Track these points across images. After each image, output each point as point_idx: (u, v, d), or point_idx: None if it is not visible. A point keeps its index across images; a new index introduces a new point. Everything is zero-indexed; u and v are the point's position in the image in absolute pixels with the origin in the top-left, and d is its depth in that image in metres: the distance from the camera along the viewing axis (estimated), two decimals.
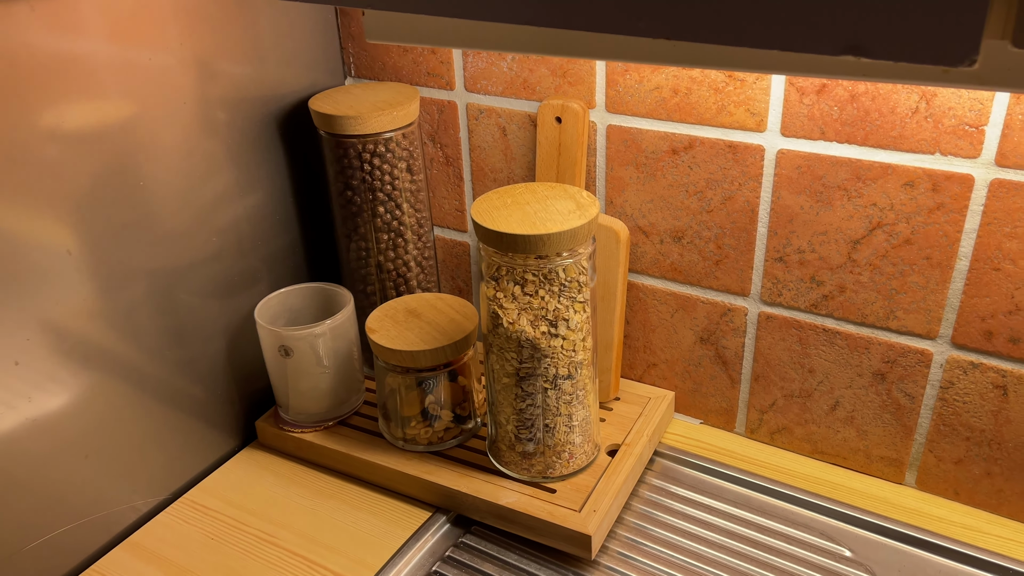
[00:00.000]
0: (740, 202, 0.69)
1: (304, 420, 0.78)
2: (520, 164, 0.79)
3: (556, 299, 0.63)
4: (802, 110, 0.63)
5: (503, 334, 0.65)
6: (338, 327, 0.75)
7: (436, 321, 0.73)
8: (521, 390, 0.67)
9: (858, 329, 0.68)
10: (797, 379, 0.73)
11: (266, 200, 0.79)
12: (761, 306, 0.72)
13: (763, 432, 0.78)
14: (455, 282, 0.90)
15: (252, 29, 0.74)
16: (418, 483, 0.72)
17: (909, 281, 0.64)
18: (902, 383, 0.68)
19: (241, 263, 0.78)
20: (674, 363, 0.79)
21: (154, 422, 0.72)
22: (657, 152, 0.71)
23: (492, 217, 0.62)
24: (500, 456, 0.71)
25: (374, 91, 0.78)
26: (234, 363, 0.79)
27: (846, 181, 0.64)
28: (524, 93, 0.75)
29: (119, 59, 0.64)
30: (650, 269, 0.76)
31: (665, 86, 0.68)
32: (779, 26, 0.33)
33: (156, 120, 0.67)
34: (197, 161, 0.72)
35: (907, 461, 0.71)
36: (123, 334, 0.68)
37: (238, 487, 0.76)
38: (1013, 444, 0.65)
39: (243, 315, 0.78)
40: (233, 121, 0.74)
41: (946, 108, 0.58)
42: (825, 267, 0.67)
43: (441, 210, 0.86)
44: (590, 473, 0.71)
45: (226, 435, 0.80)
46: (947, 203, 0.61)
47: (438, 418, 0.73)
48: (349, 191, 0.77)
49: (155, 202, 0.69)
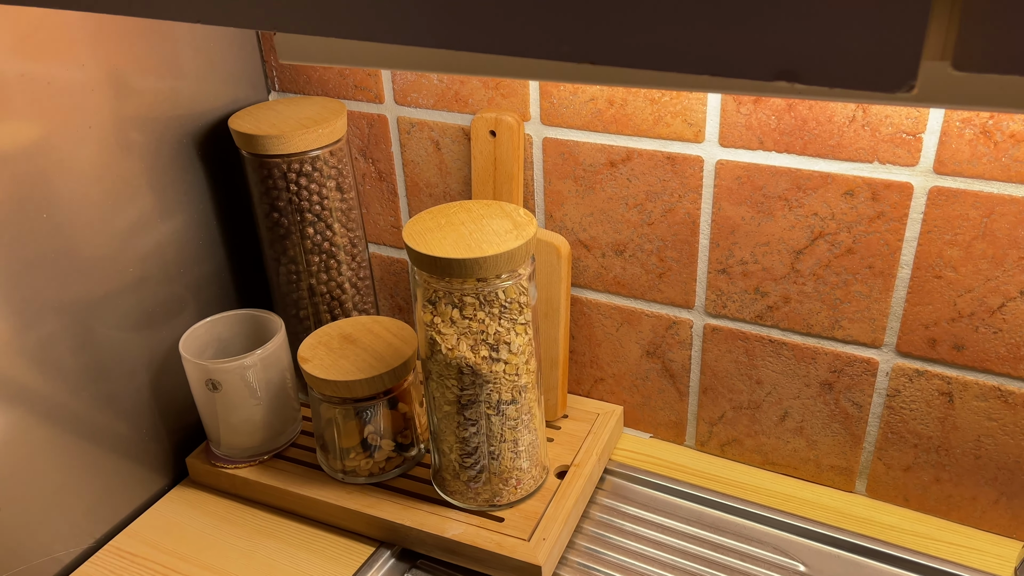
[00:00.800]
0: (681, 214, 0.67)
1: (237, 455, 0.74)
2: (456, 179, 0.76)
3: (496, 322, 0.61)
4: (740, 120, 0.62)
5: (442, 360, 0.62)
6: (269, 356, 0.71)
7: (373, 347, 0.70)
8: (463, 417, 0.64)
9: (804, 339, 0.67)
10: (745, 390, 0.72)
11: (188, 224, 0.75)
12: (706, 318, 0.71)
13: (713, 444, 0.76)
14: (394, 300, 0.87)
15: (168, 42, 0.70)
16: (360, 517, 0.69)
17: (853, 290, 0.63)
18: (849, 392, 0.67)
19: (164, 291, 0.73)
20: (621, 377, 0.78)
21: (75, 464, 0.68)
22: (595, 165, 0.69)
23: (425, 240, 0.60)
24: (445, 485, 0.68)
25: (298, 107, 0.74)
26: (160, 397, 0.74)
27: (786, 191, 0.62)
28: (456, 106, 0.73)
29: (22, 75, 0.59)
30: (593, 283, 0.74)
31: (600, 97, 0.66)
32: (709, 51, 0.31)
33: (65, 142, 0.63)
34: (111, 185, 0.67)
35: (857, 469, 0.70)
36: (38, 372, 0.63)
37: (168, 530, 0.71)
38: (960, 450, 0.65)
39: (168, 346, 0.74)
40: (149, 142, 0.70)
41: (883, 116, 0.57)
42: (769, 278, 0.66)
43: (376, 227, 0.83)
44: (539, 498, 0.68)
45: (154, 473, 0.75)
46: (887, 211, 0.60)
47: (379, 448, 0.70)
48: (275, 212, 0.73)
49: (67, 231, 0.64)
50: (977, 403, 0.63)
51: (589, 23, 0.33)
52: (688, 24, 0.31)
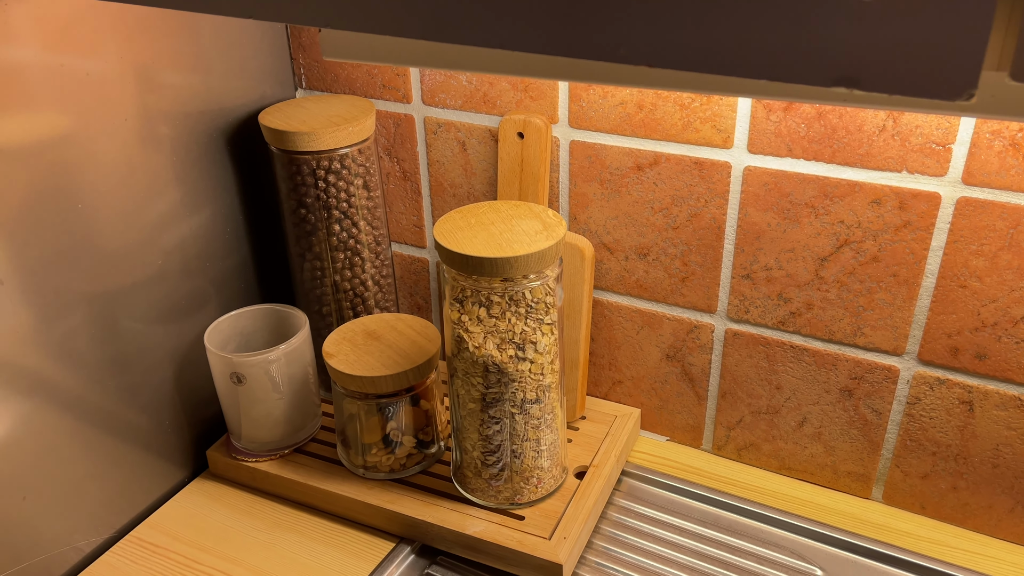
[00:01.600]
0: (706, 219, 0.68)
1: (258, 448, 0.74)
2: (481, 179, 0.77)
3: (523, 321, 0.61)
4: (769, 127, 0.63)
5: (468, 358, 0.63)
6: (293, 351, 0.71)
7: (397, 343, 0.71)
8: (488, 415, 0.64)
9: (825, 346, 0.68)
10: (764, 395, 0.73)
11: (214, 218, 0.75)
12: (728, 323, 0.71)
13: (730, 449, 0.77)
14: (414, 299, 0.88)
15: (196, 38, 0.70)
16: (380, 513, 0.69)
17: (876, 298, 0.64)
18: (869, 399, 0.68)
19: (188, 285, 0.74)
20: (640, 380, 0.78)
21: (96, 455, 0.68)
22: (622, 168, 0.69)
23: (456, 239, 0.60)
24: (466, 483, 0.69)
25: (328, 104, 0.75)
26: (182, 390, 0.75)
27: (813, 198, 0.63)
28: (484, 107, 0.73)
29: (52, 69, 0.59)
30: (615, 286, 0.75)
31: (630, 101, 0.67)
32: (769, 55, 0.32)
33: (94, 135, 0.63)
34: (139, 179, 0.68)
35: (874, 476, 0.71)
36: (62, 364, 0.64)
37: (188, 521, 0.72)
38: (978, 459, 0.66)
39: (191, 339, 0.75)
40: (178, 136, 0.70)
41: (913, 126, 0.58)
42: (792, 284, 0.67)
43: (399, 226, 0.84)
44: (558, 498, 0.69)
45: (175, 466, 0.75)
46: (914, 221, 0.60)
47: (400, 444, 0.71)
48: (303, 209, 0.73)
49: (94, 223, 0.64)
50: (997, 412, 0.63)
51: (649, 27, 0.34)
52: (749, 28, 0.32)
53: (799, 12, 0.31)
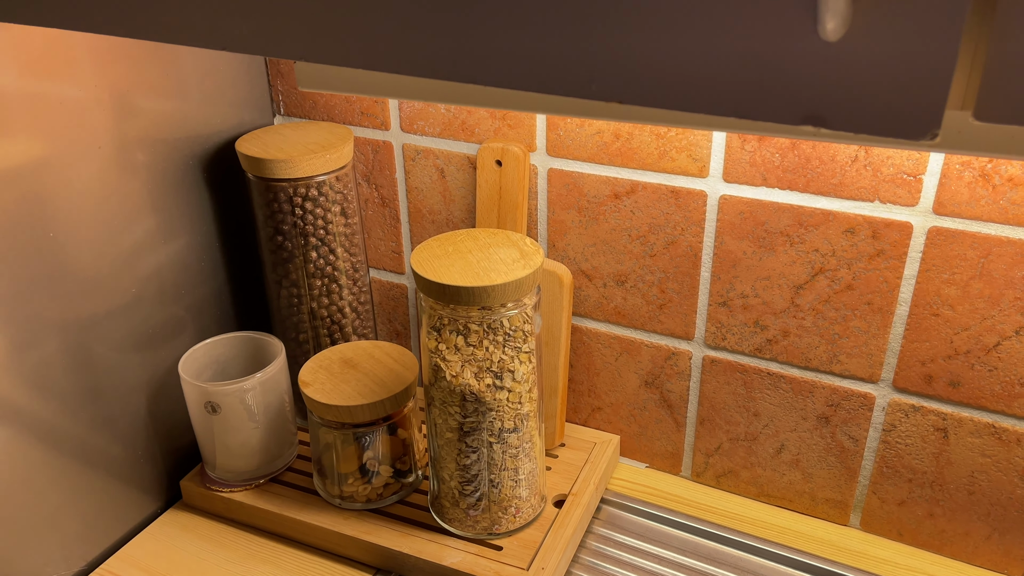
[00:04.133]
0: (683, 247, 0.68)
1: (233, 478, 0.73)
2: (459, 206, 0.77)
3: (501, 350, 0.61)
4: (744, 156, 0.63)
5: (446, 387, 0.62)
6: (269, 380, 0.71)
7: (374, 372, 0.70)
8: (465, 445, 0.64)
9: (802, 373, 0.68)
10: (742, 422, 0.73)
11: (190, 246, 0.75)
12: (705, 350, 0.71)
13: (709, 476, 0.77)
14: (392, 325, 0.87)
15: (174, 65, 0.70)
16: (357, 544, 0.68)
17: (851, 326, 0.65)
18: (846, 426, 0.68)
19: (163, 313, 0.73)
20: (619, 407, 0.78)
21: (69, 486, 0.67)
22: (599, 196, 0.70)
23: (433, 267, 0.60)
24: (443, 513, 0.68)
25: (305, 132, 0.75)
26: (156, 418, 0.74)
27: (788, 227, 0.64)
28: (463, 135, 0.73)
29: (27, 95, 0.59)
30: (593, 313, 0.75)
31: (607, 130, 0.67)
32: (738, 93, 0.32)
33: (69, 162, 0.63)
34: (115, 205, 0.67)
35: (851, 503, 0.71)
36: (35, 393, 0.63)
37: (161, 553, 0.70)
38: (954, 485, 0.66)
39: (166, 367, 0.74)
40: (154, 163, 0.70)
41: (884, 157, 0.59)
42: (769, 312, 0.67)
43: (377, 252, 0.84)
44: (537, 527, 0.68)
45: (148, 496, 0.74)
46: (887, 250, 0.61)
47: (377, 474, 0.70)
48: (280, 236, 0.73)
49: (69, 251, 0.64)
50: (971, 439, 0.64)
51: (621, 63, 0.34)
52: (719, 67, 0.32)
53: (766, 52, 0.31)
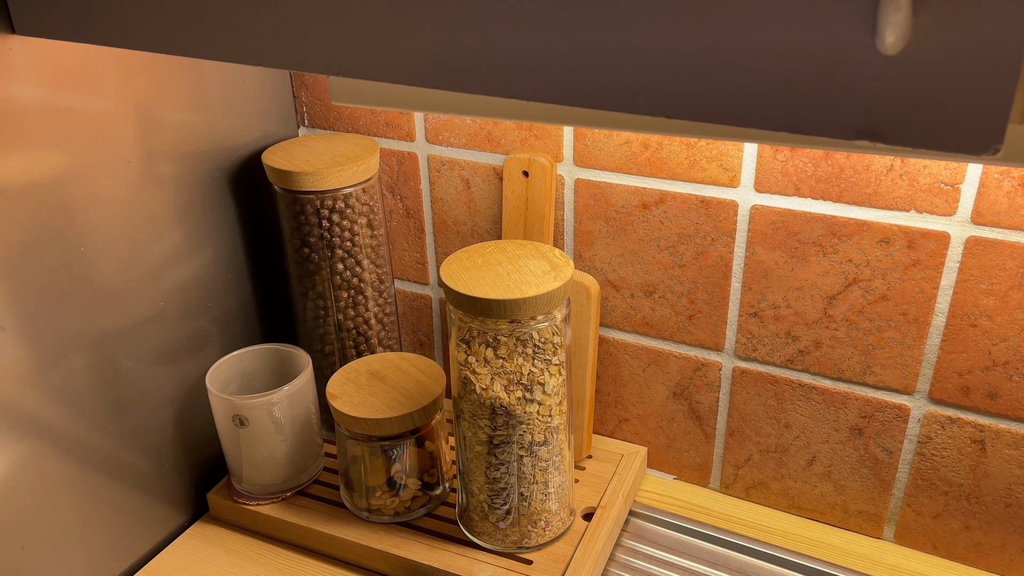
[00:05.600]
0: (713, 257, 0.68)
1: (260, 491, 0.73)
2: (485, 217, 0.76)
3: (531, 362, 0.61)
4: (776, 166, 0.62)
5: (476, 400, 0.62)
6: (296, 392, 0.70)
7: (401, 384, 0.70)
8: (495, 458, 0.63)
9: (835, 384, 0.67)
10: (773, 434, 0.72)
11: (216, 258, 0.74)
12: (736, 361, 0.71)
13: (738, 487, 0.76)
14: (416, 336, 0.87)
15: (198, 78, 0.70)
16: (385, 557, 0.68)
17: (886, 337, 0.64)
18: (879, 438, 0.67)
19: (190, 326, 0.73)
20: (646, 418, 0.77)
21: (96, 500, 0.67)
22: (627, 206, 0.69)
23: (463, 280, 0.60)
24: (472, 526, 0.68)
25: (331, 143, 0.75)
26: (183, 431, 0.73)
27: (821, 237, 0.63)
28: (488, 146, 0.73)
29: (55, 109, 0.59)
30: (621, 323, 0.74)
31: (635, 140, 0.67)
32: (792, 108, 0.32)
33: (96, 176, 0.63)
34: (141, 219, 0.67)
35: (885, 516, 0.70)
36: (63, 407, 0.63)
37: (188, 567, 0.70)
38: (991, 498, 0.65)
39: (192, 380, 0.73)
40: (180, 175, 0.70)
41: (921, 166, 0.58)
42: (801, 322, 0.66)
43: (401, 263, 0.83)
44: (567, 540, 0.68)
45: (175, 509, 0.74)
46: (923, 260, 0.60)
47: (405, 487, 0.70)
48: (306, 248, 0.73)
49: (95, 264, 0.64)
50: (1009, 451, 0.63)
51: (669, 78, 0.33)
52: (773, 82, 0.32)
53: (822, 65, 0.30)
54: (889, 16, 0.28)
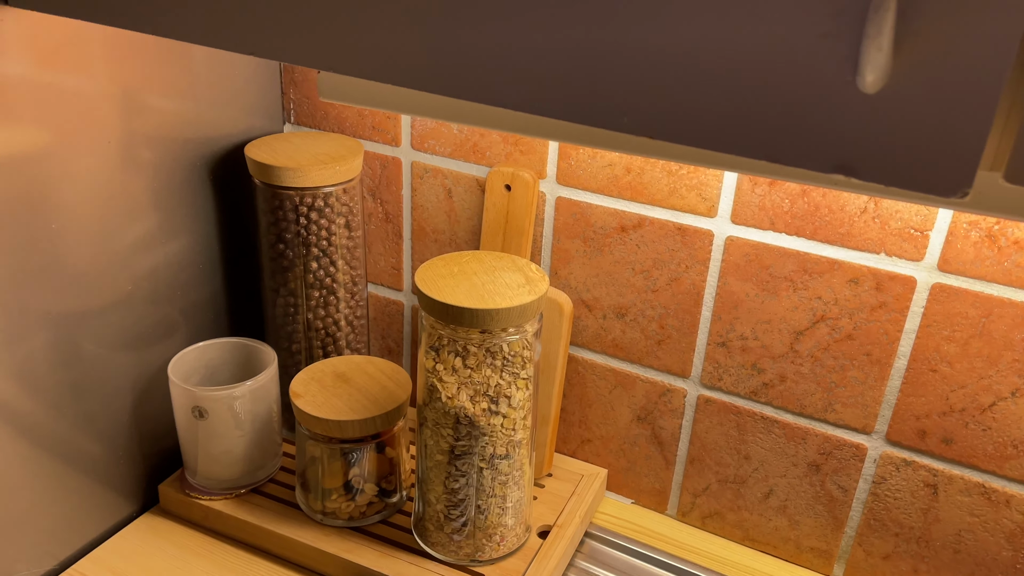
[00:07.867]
0: (686, 284, 0.68)
1: (213, 486, 0.72)
2: (464, 227, 0.77)
3: (499, 374, 0.61)
4: (753, 199, 0.63)
5: (440, 408, 0.62)
6: (259, 388, 0.70)
7: (366, 387, 0.69)
8: (455, 468, 0.63)
9: (796, 419, 0.68)
10: (732, 464, 0.72)
11: (190, 247, 0.74)
12: (701, 389, 0.71)
13: (695, 516, 0.76)
14: (385, 342, 0.86)
15: (188, 66, 0.70)
16: (336, 562, 0.67)
17: (848, 375, 0.65)
18: (836, 475, 0.68)
19: (157, 313, 0.72)
20: (609, 440, 0.77)
21: (46, 483, 0.65)
22: (606, 228, 0.70)
23: (438, 286, 0.60)
24: (426, 536, 0.67)
25: (315, 141, 0.75)
26: (140, 420, 0.72)
27: (792, 272, 0.64)
28: (473, 157, 0.73)
29: (40, 85, 0.58)
30: (591, 343, 0.75)
31: (618, 163, 0.67)
32: (772, 137, 0.32)
33: (75, 154, 0.62)
34: (117, 201, 0.66)
35: (836, 553, 0.71)
36: (19, 386, 0.61)
37: (133, 557, 0.69)
38: (940, 543, 0.66)
39: (155, 369, 0.73)
40: (160, 161, 0.69)
41: (893, 211, 0.59)
42: (767, 355, 0.67)
43: (376, 267, 0.83)
44: (520, 557, 0.67)
45: (124, 498, 0.73)
46: (889, 302, 0.61)
47: (361, 491, 0.69)
48: (282, 244, 0.72)
49: (66, 243, 0.63)
50: (961, 498, 0.64)
51: (656, 100, 0.34)
52: (755, 111, 0.32)
53: (804, 99, 0.31)
54: (871, 56, 0.29)
